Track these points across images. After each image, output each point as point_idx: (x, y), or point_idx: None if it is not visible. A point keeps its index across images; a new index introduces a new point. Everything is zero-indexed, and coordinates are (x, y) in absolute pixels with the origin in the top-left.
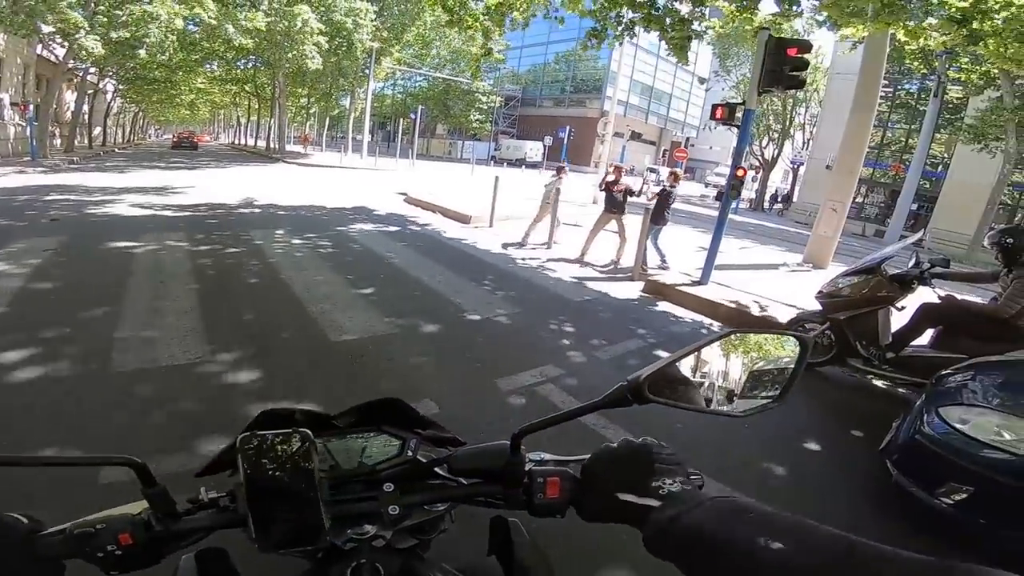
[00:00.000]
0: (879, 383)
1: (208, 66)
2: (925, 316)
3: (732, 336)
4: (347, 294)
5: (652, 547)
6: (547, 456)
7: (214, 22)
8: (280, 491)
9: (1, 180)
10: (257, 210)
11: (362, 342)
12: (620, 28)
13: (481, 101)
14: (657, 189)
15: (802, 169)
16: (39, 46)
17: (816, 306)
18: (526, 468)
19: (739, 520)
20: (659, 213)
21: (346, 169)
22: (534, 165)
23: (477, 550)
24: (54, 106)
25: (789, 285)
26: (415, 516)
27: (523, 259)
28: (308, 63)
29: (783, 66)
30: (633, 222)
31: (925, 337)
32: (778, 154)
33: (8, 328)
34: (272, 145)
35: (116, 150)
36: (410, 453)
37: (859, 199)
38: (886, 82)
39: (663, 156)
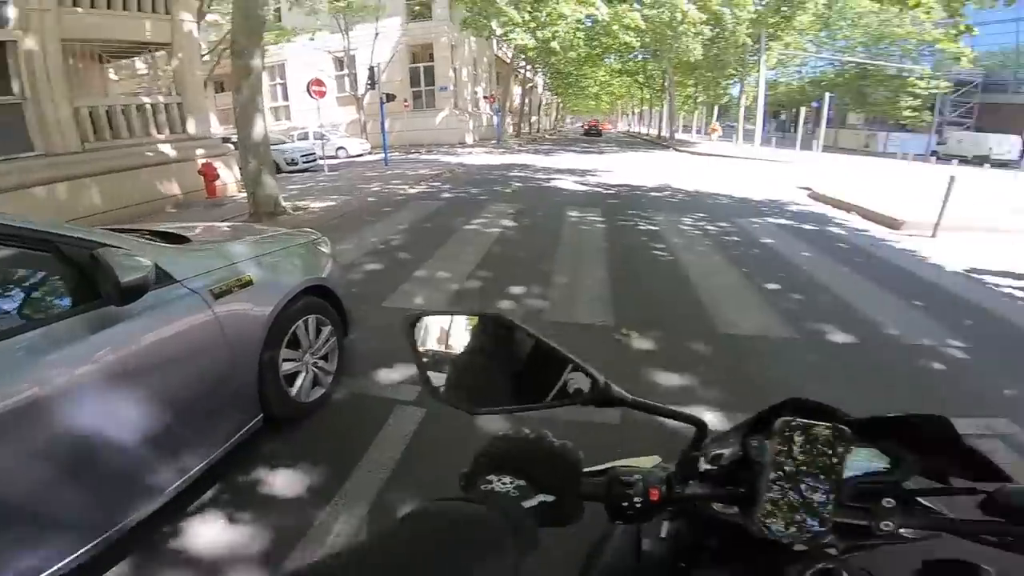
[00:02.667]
0: None
1: (607, 60)
2: None
3: None
4: (741, 287)
5: None
6: None
7: (606, 19)
8: (803, 480)
9: (483, 158)
10: (665, 193)
11: (753, 341)
12: None
13: (917, 87)
14: None
15: None
16: (494, 43)
17: None
18: None
19: None
20: None
21: (737, 159)
22: (1005, 164)
23: None
24: (507, 98)
25: None
26: (886, 539)
27: (980, 280)
28: (692, 54)
29: None
30: None
31: None
32: None
33: (479, 268)
34: (661, 133)
35: (546, 136)
36: (901, 476)
37: None
38: None
39: None
